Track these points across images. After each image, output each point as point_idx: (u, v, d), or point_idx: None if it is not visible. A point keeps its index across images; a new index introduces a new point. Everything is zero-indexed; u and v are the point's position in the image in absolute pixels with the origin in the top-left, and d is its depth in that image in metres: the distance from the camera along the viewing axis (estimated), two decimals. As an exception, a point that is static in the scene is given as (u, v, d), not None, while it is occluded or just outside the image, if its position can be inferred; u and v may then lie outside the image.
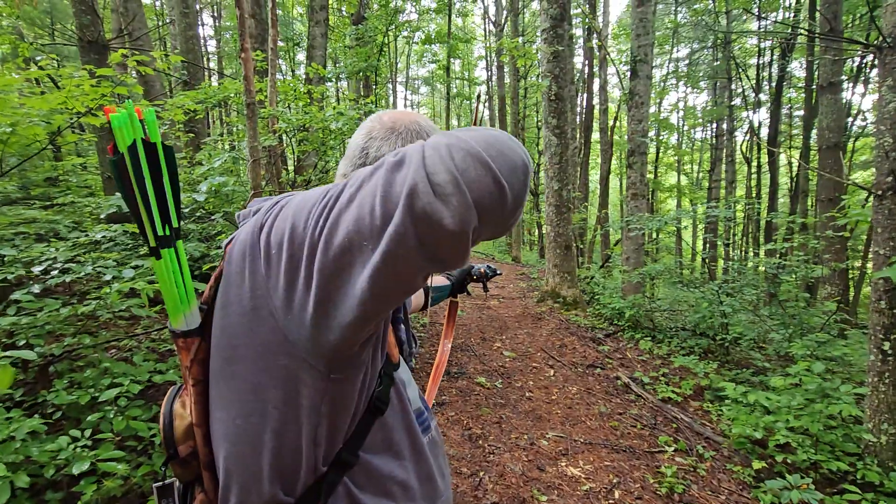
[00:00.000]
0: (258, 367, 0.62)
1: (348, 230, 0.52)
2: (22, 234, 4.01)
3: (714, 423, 3.68)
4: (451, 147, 0.50)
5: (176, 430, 0.72)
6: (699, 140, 20.08)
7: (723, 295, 5.18)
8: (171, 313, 0.70)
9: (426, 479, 0.77)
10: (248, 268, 0.63)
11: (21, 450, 1.73)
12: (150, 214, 0.67)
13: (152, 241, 0.68)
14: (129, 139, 0.63)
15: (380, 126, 0.82)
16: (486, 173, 0.49)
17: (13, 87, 3.38)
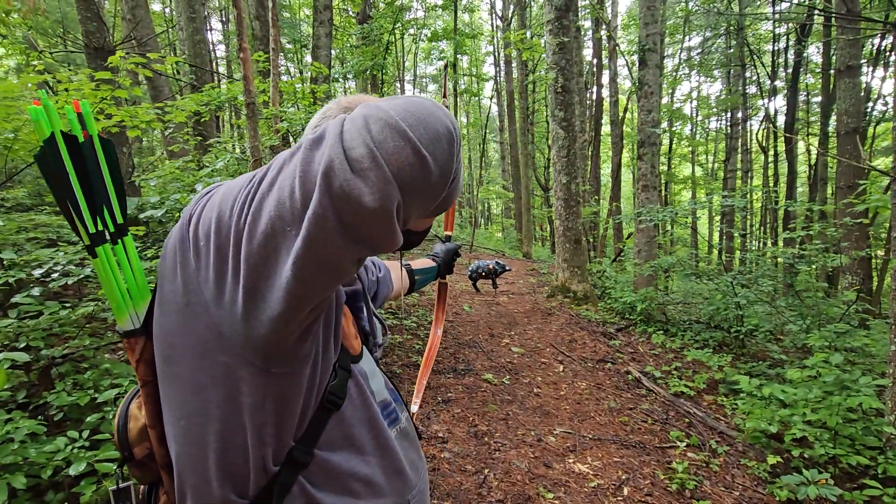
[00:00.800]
0: (197, 366, 0.59)
1: (270, 216, 0.48)
2: (34, 240, 4.07)
3: (728, 417, 3.58)
4: (369, 118, 0.46)
5: (130, 431, 0.70)
6: (713, 130, 19.66)
7: (738, 286, 5.04)
8: (115, 313, 0.67)
9: (394, 473, 0.73)
10: (179, 262, 0.60)
11: (19, 451, 1.73)
12: (77, 211, 0.63)
13: (86, 239, 0.65)
14: (48, 132, 0.59)
15: (336, 107, 0.79)
16: (405, 144, 0.45)
17: (14, 94, 3.43)
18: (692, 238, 14.40)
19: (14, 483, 1.61)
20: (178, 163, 5.50)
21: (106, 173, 0.66)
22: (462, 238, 14.85)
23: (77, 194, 0.62)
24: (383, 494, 0.71)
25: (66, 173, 0.61)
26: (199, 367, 0.59)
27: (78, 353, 2.56)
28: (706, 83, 20.51)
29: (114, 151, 0.66)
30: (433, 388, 3.78)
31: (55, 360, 2.42)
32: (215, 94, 6.19)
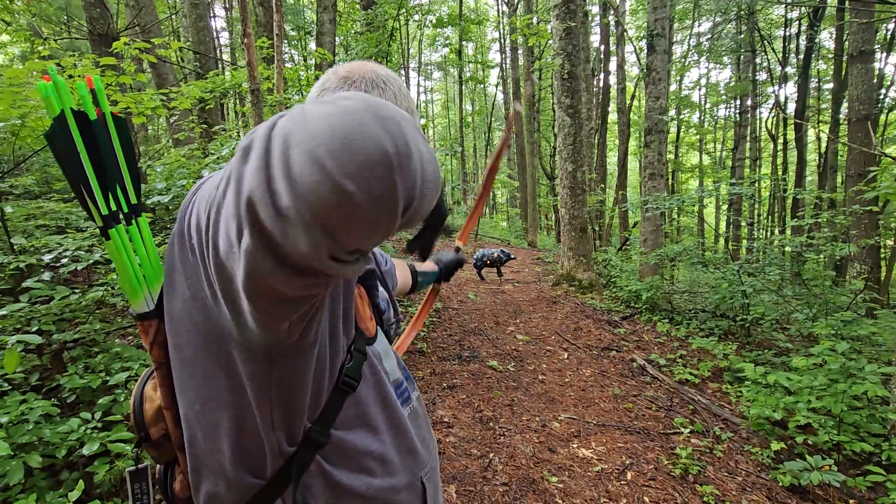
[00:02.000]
0: (204, 354, 0.60)
1: (222, 232, 0.44)
2: (43, 227, 4.11)
3: (732, 404, 3.59)
4: (290, 141, 0.37)
5: (146, 412, 0.70)
6: (722, 118, 19.40)
7: (744, 275, 5.01)
8: (129, 295, 0.67)
9: (407, 451, 0.74)
10: (179, 254, 0.60)
11: (34, 431, 1.77)
12: (89, 191, 0.62)
13: (98, 220, 0.64)
14: (58, 109, 0.58)
15: (334, 76, 0.75)
16: (323, 179, 0.36)
17: (20, 80, 3.43)
18: (698, 227, 14.31)
19: (30, 462, 1.65)
20: (183, 150, 5.51)
21: (119, 152, 0.65)
22: (467, 227, 14.84)
23: (88, 174, 0.61)
24: (397, 472, 0.71)
25: (77, 152, 0.60)
26: (206, 355, 0.60)
27: (89, 338, 2.60)
28: (715, 70, 20.20)
29: (127, 130, 0.65)
30: (438, 374, 3.81)
31: (67, 344, 2.46)
32: (220, 82, 6.17)
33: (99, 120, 0.63)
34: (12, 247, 2.93)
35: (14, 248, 2.90)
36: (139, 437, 0.70)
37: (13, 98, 3.03)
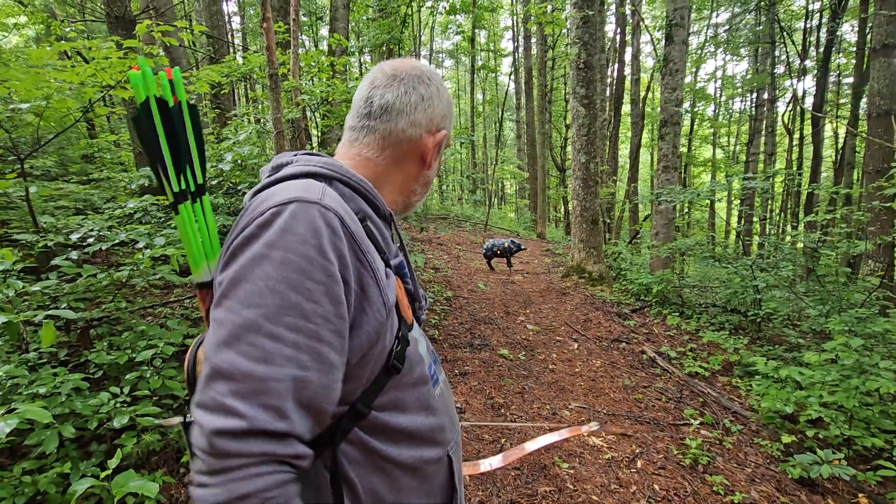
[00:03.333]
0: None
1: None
2: (62, 208, 4.18)
3: (743, 398, 3.60)
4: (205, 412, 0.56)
5: (199, 373, 0.73)
6: (737, 111, 19.09)
7: (756, 270, 4.99)
8: (192, 265, 0.73)
9: (436, 427, 0.79)
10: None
11: (66, 403, 1.84)
12: (164, 170, 0.68)
13: (170, 197, 0.70)
14: (143, 96, 0.64)
15: (381, 75, 0.81)
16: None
17: (44, 62, 3.47)
18: (709, 221, 14.19)
19: (64, 432, 1.71)
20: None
21: (191, 136, 0.70)
22: (476, 217, 14.83)
23: (165, 156, 0.67)
24: (426, 446, 0.76)
25: (157, 135, 0.66)
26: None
27: (114, 316, 2.66)
28: (732, 62, 19.86)
29: (199, 117, 0.71)
30: (450, 362, 3.86)
31: (93, 322, 2.52)
32: (236, 66, 6.18)
33: (176, 107, 0.67)
34: (37, 226, 2.99)
35: (39, 228, 2.96)
36: (190, 394, 0.74)
37: (36, 80, 3.07)
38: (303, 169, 0.72)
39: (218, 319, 0.59)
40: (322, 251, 0.60)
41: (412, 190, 0.86)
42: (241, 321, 0.57)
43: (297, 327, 0.58)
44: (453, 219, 13.57)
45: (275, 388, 0.56)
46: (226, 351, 0.56)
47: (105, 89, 3.34)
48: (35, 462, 1.74)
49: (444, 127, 0.84)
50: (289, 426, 0.56)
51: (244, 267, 0.59)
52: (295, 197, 0.62)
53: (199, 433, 0.55)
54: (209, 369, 0.57)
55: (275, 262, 0.58)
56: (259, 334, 0.56)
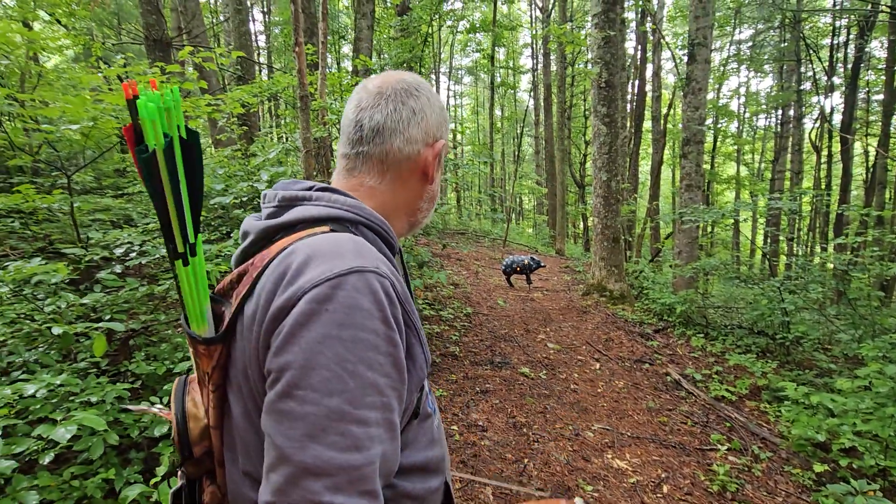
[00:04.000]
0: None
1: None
2: (99, 221, 4.37)
3: (772, 424, 3.52)
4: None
5: (191, 432, 0.70)
6: (762, 128, 18.82)
7: (784, 292, 4.89)
8: (193, 320, 0.68)
9: (439, 459, 0.79)
10: (256, 346, 0.62)
11: (111, 412, 1.92)
12: (181, 219, 0.63)
13: (180, 247, 0.64)
14: (161, 136, 0.58)
15: (366, 94, 0.77)
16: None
17: (90, 85, 3.68)
18: (734, 240, 13.93)
19: (109, 439, 1.79)
20: (226, 151, 5.76)
21: (183, 182, 0.63)
22: (495, 233, 14.86)
23: (184, 202, 0.62)
24: (433, 477, 0.77)
25: (178, 181, 0.61)
26: None
27: (152, 328, 2.77)
28: (756, 78, 19.65)
29: (200, 151, 0.64)
30: (472, 379, 3.87)
31: (134, 333, 2.63)
32: (266, 86, 6.42)
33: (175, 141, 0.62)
34: (80, 239, 3.15)
35: (81, 241, 3.12)
36: (184, 456, 0.70)
37: (85, 103, 3.26)
38: (327, 212, 0.69)
39: (291, 412, 0.54)
40: (387, 322, 0.58)
41: (418, 208, 0.82)
42: (326, 412, 0.53)
43: (376, 405, 0.56)
44: (471, 234, 13.63)
45: (369, 473, 0.54)
46: (313, 446, 0.52)
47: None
48: (81, 467, 1.82)
49: (442, 136, 0.80)
50: (380, 502, 0.56)
51: (314, 351, 0.54)
52: (354, 267, 0.59)
53: None
54: (294, 469, 0.52)
55: (347, 342, 0.55)
56: (346, 422, 0.54)
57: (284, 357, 0.55)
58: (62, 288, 2.69)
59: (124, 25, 13.63)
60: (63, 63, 11.78)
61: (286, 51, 15.39)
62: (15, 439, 1.47)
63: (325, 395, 0.53)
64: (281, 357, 0.56)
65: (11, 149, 5.12)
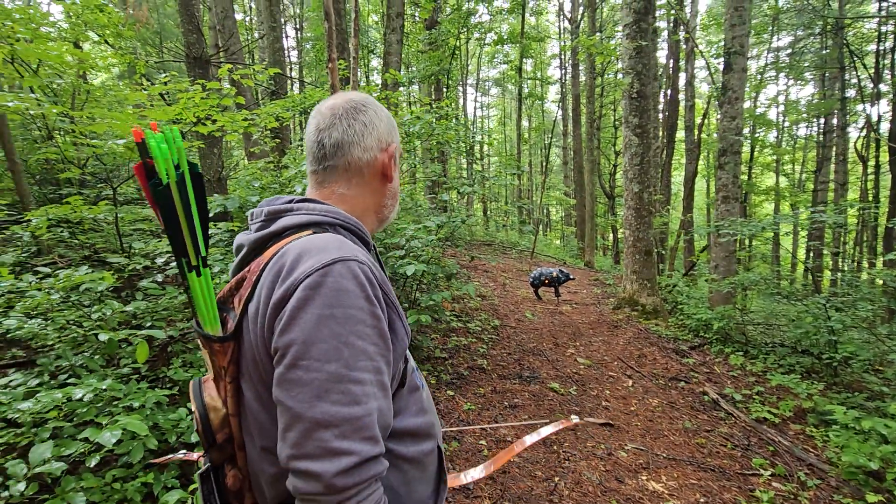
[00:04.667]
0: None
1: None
2: (138, 230, 4.56)
3: (819, 449, 3.32)
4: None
5: (212, 421, 0.79)
6: (802, 137, 18.10)
7: (831, 310, 4.64)
8: (208, 322, 0.79)
9: (430, 425, 0.90)
10: (261, 334, 0.72)
11: (151, 417, 1.98)
12: (194, 237, 0.76)
13: (193, 260, 0.77)
14: (173, 171, 0.72)
15: (322, 117, 0.89)
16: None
17: (135, 101, 3.87)
18: (773, 254, 13.36)
19: (148, 444, 1.84)
20: (259, 163, 5.94)
21: (194, 206, 0.77)
22: (522, 245, 14.74)
23: (196, 223, 0.75)
24: (424, 440, 0.87)
25: (190, 206, 0.75)
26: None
27: (189, 336, 2.85)
28: (795, 86, 18.98)
29: (202, 181, 0.77)
30: (500, 393, 3.82)
31: (172, 340, 2.72)
32: (298, 100, 6.61)
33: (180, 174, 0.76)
34: (122, 248, 3.28)
35: (124, 250, 3.25)
36: (208, 443, 0.79)
37: (133, 119, 3.42)
38: (308, 219, 0.80)
39: (299, 380, 0.65)
40: (369, 300, 0.70)
41: (384, 205, 0.94)
42: (327, 376, 0.65)
43: (368, 368, 0.68)
44: (498, 245, 13.56)
45: (367, 423, 0.66)
46: (320, 404, 0.64)
47: (190, 126, 3.67)
48: (122, 470, 1.88)
49: (393, 140, 0.93)
50: (381, 447, 0.67)
51: (313, 328, 0.66)
52: (337, 257, 0.70)
53: (311, 481, 0.63)
54: (307, 424, 0.63)
55: (338, 318, 0.66)
56: (345, 382, 0.65)
57: (288, 336, 0.66)
58: (106, 295, 2.80)
59: (166, 44, 14.33)
60: (108, 80, 12.44)
61: (316, 65, 15.85)
62: (64, 441, 1.52)
63: (325, 362, 0.65)
64: (285, 336, 0.67)
65: (62, 162, 5.42)
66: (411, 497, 0.83)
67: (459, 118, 15.89)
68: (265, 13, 10.80)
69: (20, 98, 2.93)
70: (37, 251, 4.16)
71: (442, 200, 5.43)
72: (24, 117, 5.15)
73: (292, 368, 0.65)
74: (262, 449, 0.76)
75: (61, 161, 5.14)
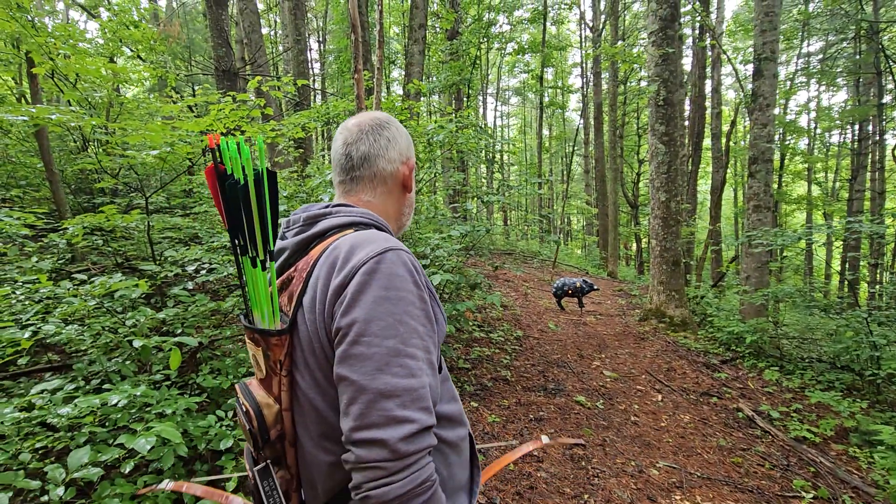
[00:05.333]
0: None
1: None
2: (167, 238, 4.66)
3: (863, 471, 3.14)
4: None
5: (266, 417, 0.82)
6: (835, 145, 17.51)
7: (873, 324, 4.43)
8: (267, 317, 0.83)
9: (462, 412, 0.95)
10: (321, 319, 0.77)
11: (181, 423, 1.99)
12: (265, 232, 0.81)
13: (262, 255, 0.82)
14: (250, 169, 0.79)
15: (349, 133, 0.97)
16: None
17: (168, 113, 3.98)
18: (806, 265, 12.89)
19: (179, 451, 1.85)
20: (283, 173, 6.03)
21: (267, 205, 0.82)
22: (544, 254, 14.60)
23: (268, 219, 0.80)
24: (459, 426, 0.92)
25: (265, 202, 0.81)
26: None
27: (218, 343, 2.89)
28: (827, 93, 18.42)
29: (276, 183, 0.82)
30: (524, 405, 3.75)
31: (201, 347, 2.75)
32: (323, 111, 6.71)
33: (257, 176, 0.82)
34: (154, 256, 3.35)
35: (155, 258, 3.32)
36: (262, 440, 0.81)
37: (165, 131, 3.51)
38: (348, 220, 0.88)
39: (361, 354, 0.70)
40: (417, 284, 0.76)
41: (402, 213, 1.03)
42: (387, 350, 0.70)
43: (419, 346, 0.73)
44: (518, 255, 13.45)
45: (423, 394, 0.71)
46: (382, 376, 0.69)
47: (220, 136, 3.75)
48: (152, 477, 1.89)
49: (411, 154, 1.02)
50: (434, 418, 0.72)
51: (371, 308, 0.72)
52: (388, 247, 0.77)
53: (376, 448, 0.66)
54: (371, 395, 0.68)
55: (393, 300, 0.73)
56: (402, 356, 0.70)
57: (351, 316, 0.72)
58: (138, 302, 2.86)
59: (194, 57, 14.79)
60: (140, 93, 12.89)
61: (339, 77, 16.14)
62: (100, 447, 1.54)
63: (384, 338, 0.70)
64: (348, 316, 0.72)
65: (96, 172, 5.60)
66: (453, 480, 0.88)
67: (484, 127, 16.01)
68: (290, 27, 11.06)
69: (60, 111, 3.05)
70: (71, 258, 4.29)
71: (465, 209, 5.42)
72: (63, 129, 5.35)
73: (355, 345, 0.71)
74: (319, 436, 0.80)
75: (96, 171, 5.32)
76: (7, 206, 4.78)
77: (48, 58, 3.78)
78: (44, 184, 5.39)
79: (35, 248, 4.08)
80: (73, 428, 1.92)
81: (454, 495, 0.87)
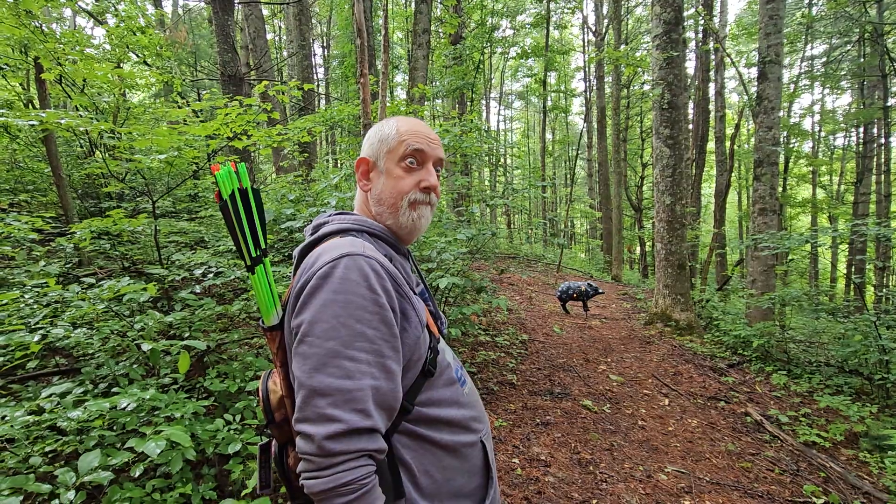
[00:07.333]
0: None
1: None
2: (173, 242, 4.68)
3: (874, 476, 3.11)
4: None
5: (271, 401, 0.91)
6: (839, 147, 17.44)
7: (882, 327, 4.39)
8: (263, 314, 0.90)
9: (469, 419, 0.95)
10: (288, 319, 0.85)
11: (189, 427, 1.99)
12: (245, 242, 0.89)
13: (247, 261, 0.90)
14: (230, 189, 0.87)
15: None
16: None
17: (175, 118, 4.00)
18: (811, 268, 12.82)
19: (187, 455, 1.85)
20: (288, 177, 6.05)
21: (256, 217, 0.90)
22: (548, 258, 14.57)
23: (246, 232, 0.88)
24: (462, 432, 0.92)
25: (241, 218, 0.88)
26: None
27: (225, 347, 2.89)
28: (830, 95, 18.38)
29: (260, 198, 0.90)
30: (531, 409, 3.73)
31: (208, 350, 2.75)
32: (328, 116, 6.73)
33: (244, 191, 0.90)
34: (161, 260, 3.36)
35: (163, 262, 3.33)
36: (267, 420, 0.90)
37: (173, 136, 3.53)
38: (338, 227, 0.92)
39: (304, 353, 0.75)
40: (372, 289, 0.78)
41: (371, 209, 1.05)
42: (325, 351, 0.74)
43: (365, 349, 0.75)
44: (522, 258, 13.43)
45: (359, 396, 0.73)
46: (317, 375, 0.73)
47: (227, 140, 3.77)
48: (160, 480, 1.89)
49: (374, 151, 1.04)
50: (373, 423, 0.73)
51: (318, 311, 0.76)
52: (345, 252, 0.81)
53: (307, 442, 0.72)
54: (306, 392, 0.73)
55: (340, 303, 0.76)
56: (340, 358, 0.74)
57: (301, 317, 0.78)
58: (146, 306, 2.87)
59: (200, 63, 14.89)
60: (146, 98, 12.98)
61: (343, 81, 16.21)
62: (110, 450, 1.54)
63: (325, 340, 0.74)
64: (299, 317, 0.79)
65: (103, 176, 5.64)
66: (450, 484, 0.88)
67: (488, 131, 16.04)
68: (295, 32, 11.13)
69: (69, 116, 3.07)
70: (78, 262, 4.31)
71: (471, 213, 5.42)
72: (71, 134, 5.38)
73: (301, 344, 0.77)
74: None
75: (103, 175, 5.34)
76: (15, 210, 4.81)
77: (56, 63, 3.81)
78: (51, 188, 5.42)
79: (43, 253, 4.10)
80: (81, 431, 1.92)
81: (454, 501, 0.89)
